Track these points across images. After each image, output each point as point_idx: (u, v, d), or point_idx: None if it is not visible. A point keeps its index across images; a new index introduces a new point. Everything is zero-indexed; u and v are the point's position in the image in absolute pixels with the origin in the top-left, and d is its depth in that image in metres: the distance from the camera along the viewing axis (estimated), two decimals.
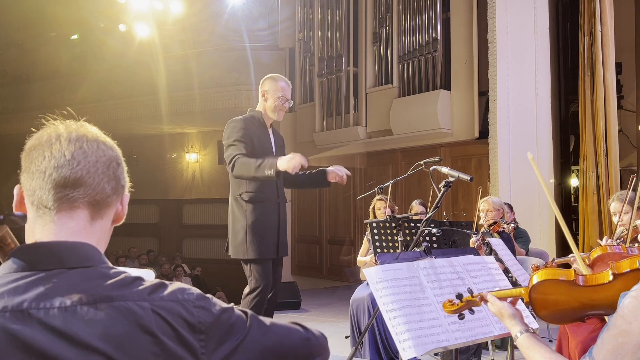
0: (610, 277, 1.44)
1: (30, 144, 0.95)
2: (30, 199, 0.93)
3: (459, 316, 1.75)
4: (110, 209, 0.98)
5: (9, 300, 0.84)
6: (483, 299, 1.67)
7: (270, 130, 3.59)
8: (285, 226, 3.53)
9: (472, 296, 1.69)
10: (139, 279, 0.92)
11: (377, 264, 2.37)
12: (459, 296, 1.71)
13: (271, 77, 3.58)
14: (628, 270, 1.42)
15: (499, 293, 1.65)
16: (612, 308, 1.43)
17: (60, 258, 0.89)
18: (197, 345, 0.89)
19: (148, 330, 0.86)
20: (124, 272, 0.92)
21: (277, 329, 0.99)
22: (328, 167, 3.51)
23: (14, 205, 0.96)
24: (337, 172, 3.44)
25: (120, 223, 1.03)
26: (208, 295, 0.96)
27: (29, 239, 0.94)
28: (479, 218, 4.32)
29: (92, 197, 0.94)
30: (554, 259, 2.95)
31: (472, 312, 1.74)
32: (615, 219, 3.29)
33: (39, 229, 0.93)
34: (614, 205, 3.32)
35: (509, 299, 1.64)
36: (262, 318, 0.98)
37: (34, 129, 0.97)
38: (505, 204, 5.01)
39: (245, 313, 0.97)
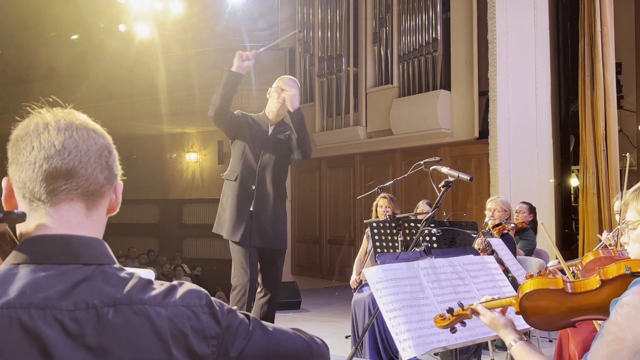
0: (599, 283, 1.44)
1: (17, 134, 0.91)
2: (20, 191, 0.90)
3: (451, 330, 1.75)
4: (104, 199, 0.95)
5: (33, 297, 0.82)
6: (474, 312, 1.68)
7: (272, 127, 3.68)
8: (268, 218, 3.50)
9: (463, 309, 1.70)
10: (150, 282, 0.90)
11: (377, 264, 2.36)
12: (450, 310, 1.72)
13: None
14: (616, 275, 1.42)
15: (489, 304, 1.65)
16: (601, 312, 1.44)
17: (75, 253, 0.87)
18: (209, 351, 0.89)
19: (163, 339, 0.85)
20: (135, 274, 0.91)
21: (279, 334, 0.98)
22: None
23: (3, 198, 0.93)
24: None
25: (115, 213, 1.00)
26: (214, 299, 0.95)
27: (19, 231, 0.91)
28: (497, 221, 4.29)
29: (86, 188, 0.90)
30: (547, 267, 2.96)
31: (463, 324, 1.74)
32: (617, 218, 3.29)
33: (34, 223, 0.89)
34: (617, 204, 3.31)
35: (499, 309, 1.64)
36: (264, 322, 0.98)
37: (18, 118, 0.93)
38: (526, 203, 4.95)
39: (248, 317, 0.96)
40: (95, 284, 0.85)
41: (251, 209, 3.47)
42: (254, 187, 3.50)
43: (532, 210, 5.05)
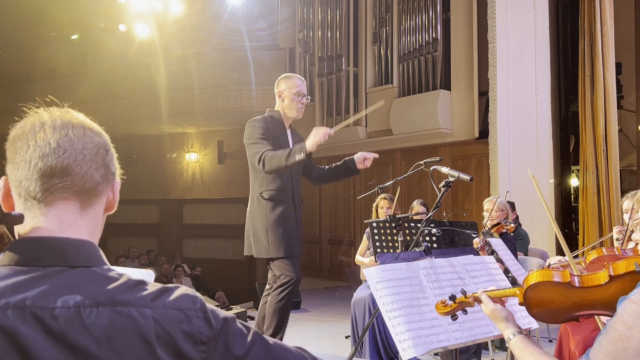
0: (607, 279, 1.43)
1: (14, 134, 0.91)
2: (17, 190, 0.90)
3: (452, 317, 1.74)
4: (101, 198, 0.94)
5: (11, 297, 0.81)
6: (477, 300, 1.67)
7: (289, 131, 3.59)
8: (301, 226, 3.56)
9: (466, 297, 1.69)
10: (142, 283, 0.89)
11: (377, 264, 2.36)
12: (452, 297, 1.70)
13: (285, 76, 3.56)
14: (625, 272, 1.40)
15: (493, 293, 1.64)
16: (607, 309, 1.42)
17: (61, 255, 0.87)
18: (198, 356, 0.87)
19: (147, 340, 0.84)
20: (125, 274, 0.90)
21: (280, 350, 0.96)
22: (353, 155, 3.51)
23: (0, 198, 0.93)
24: (366, 156, 3.44)
25: (113, 211, 0.99)
26: (211, 306, 0.93)
27: (17, 231, 0.91)
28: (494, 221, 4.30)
29: (81, 186, 0.90)
30: (549, 265, 2.96)
31: (465, 312, 1.73)
32: (626, 217, 3.28)
33: (28, 222, 0.89)
34: (626, 203, 3.30)
35: (503, 299, 1.63)
36: (264, 336, 0.96)
37: (17, 118, 0.93)
38: (508, 202, 5.01)
39: (248, 328, 0.94)
40: (79, 286, 0.85)
41: (296, 223, 3.45)
42: (294, 201, 3.47)
43: (513, 207, 5.11)
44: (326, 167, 3.68)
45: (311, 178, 3.71)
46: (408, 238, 3.57)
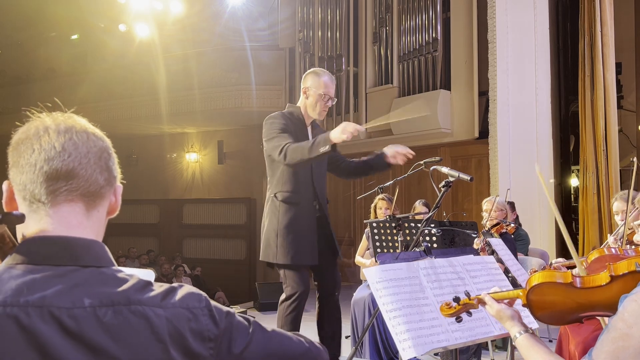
0: (608, 279, 1.43)
1: (17, 138, 0.92)
2: (21, 193, 0.91)
3: (456, 319, 1.74)
4: (104, 201, 0.96)
5: (29, 295, 0.82)
6: (481, 301, 1.67)
7: (309, 129, 3.33)
8: (327, 228, 3.30)
9: (470, 299, 1.68)
10: (150, 283, 0.91)
11: (377, 264, 2.36)
12: (456, 299, 1.70)
13: (314, 72, 3.31)
14: (626, 272, 1.40)
15: (497, 295, 1.64)
16: (610, 309, 1.42)
17: (72, 254, 0.88)
18: (207, 353, 0.90)
19: (161, 339, 0.86)
20: (134, 275, 0.92)
21: (280, 337, 1.01)
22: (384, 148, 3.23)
23: (4, 201, 0.94)
24: (398, 151, 3.15)
25: (115, 215, 1.01)
26: (213, 302, 0.96)
27: (21, 233, 0.92)
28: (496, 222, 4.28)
29: (86, 189, 0.92)
30: (551, 263, 2.96)
31: (469, 314, 1.73)
32: (617, 219, 3.26)
33: (34, 224, 0.90)
34: (616, 205, 3.27)
35: (507, 301, 1.63)
36: (264, 326, 0.99)
37: (18, 123, 0.94)
38: (507, 202, 5.00)
39: (248, 320, 0.98)
40: (93, 285, 0.86)
41: (315, 227, 3.19)
42: (315, 204, 3.22)
43: (513, 207, 5.09)
44: (356, 160, 3.40)
45: (339, 172, 3.46)
46: (408, 238, 3.56)
